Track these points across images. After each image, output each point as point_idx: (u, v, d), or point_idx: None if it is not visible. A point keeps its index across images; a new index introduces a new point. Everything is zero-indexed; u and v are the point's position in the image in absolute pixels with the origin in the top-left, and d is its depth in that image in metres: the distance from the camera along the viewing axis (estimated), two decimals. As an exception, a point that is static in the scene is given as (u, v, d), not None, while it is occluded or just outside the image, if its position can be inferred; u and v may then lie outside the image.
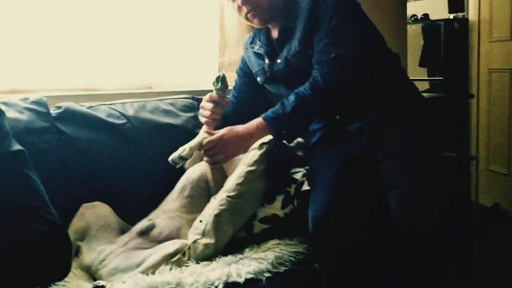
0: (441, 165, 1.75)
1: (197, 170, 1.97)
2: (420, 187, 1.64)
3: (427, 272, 1.61)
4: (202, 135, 1.90)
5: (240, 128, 1.87)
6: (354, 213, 1.69)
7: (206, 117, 2.02)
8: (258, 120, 1.86)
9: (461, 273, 1.71)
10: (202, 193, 1.92)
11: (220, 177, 1.92)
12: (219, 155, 1.87)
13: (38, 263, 1.16)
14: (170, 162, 1.90)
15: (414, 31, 4.12)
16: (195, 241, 1.69)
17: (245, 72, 2.23)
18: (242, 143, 1.86)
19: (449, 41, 3.99)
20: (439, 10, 4.23)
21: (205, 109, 2.02)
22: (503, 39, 3.82)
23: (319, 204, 1.72)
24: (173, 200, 1.92)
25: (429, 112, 1.92)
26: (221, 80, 1.96)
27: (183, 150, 1.88)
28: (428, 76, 4.14)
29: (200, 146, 1.87)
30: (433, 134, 1.83)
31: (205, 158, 1.90)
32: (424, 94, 2.79)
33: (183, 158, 1.89)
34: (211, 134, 1.87)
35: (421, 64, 4.14)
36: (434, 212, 1.59)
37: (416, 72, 4.06)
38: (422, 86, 4.03)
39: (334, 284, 1.67)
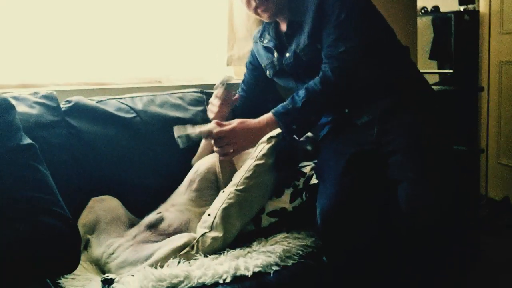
0: (443, 159, 1.74)
1: (205, 163, 1.98)
2: (428, 179, 1.64)
3: (426, 266, 1.62)
4: (213, 125, 1.90)
5: (251, 122, 1.87)
6: (361, 207, 1.70)
7: (214, 113, 2.04)
8: (268, 115, 1.86)
9: (459, 266, 1.71)
10: (210, 186, 1.93)
11: (229, 170, 1.92)
12: (229, 147, 1.87)
13: (48, 256, 1.17)
14: (176, 139, 1.88)
15: (424, 24, 4.08)
16: (203, 235, 1.70)
17: (254, 65, 2.23)
18: (252, 137, 1.87)
19: (460, 33, 3.96)
20: (449, 2, 4.19)
21: (213, 105, 2.05)
22: (513, 31, 3.79)
23: (327, 198, 1.72)
24: (182, 194, 1.93)
25: (435, 106, 1.91)
26: (225, 84, 2.03)
27: (192, 131, 1.88)
28: (438, 69, 4.10)
29: (209, 135, 1.87)
30: (441, 126, 1.82)
31: (215, 149, 1.91)
32: (434, 87, 2.77)
33: (190, 139, 1.88)
34: (222, 126, 1.87)
35: (431, 57, 4.11)
36: (432, 207, 1.59)
37: (426, 65, 4.03)
38: (432, 79, 4.00)
39: (342, 277, 1.68)
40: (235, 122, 1.87)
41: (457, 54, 3.95)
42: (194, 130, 1.88)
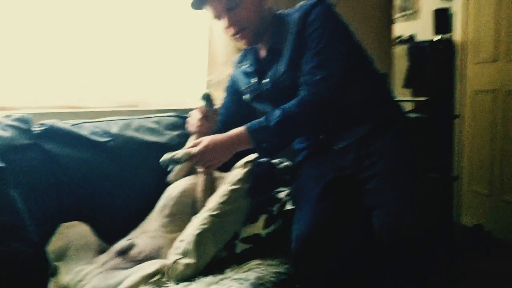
0: (420, 185, 1.76)
1: (178, 186, 1.97)
2: (397, 207, 1.64)
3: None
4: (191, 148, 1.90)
5: (221, 136, 1.85)
6: (338, 233, 1.69)
7: (193, 127, 2.07)
8: (241, 129, 1.85)
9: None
10: (183, 211, 1.91)
11: (211, 190, 1.92)
12: (208, 163, 1.86)
13: (14, 280, 1.15)
14: (161, 163, 1.85)
15: (400, 52, 4.15)
16: (175, 261, 1.68)
17: (233, 89, 2.24)
18: (226, 150, 1.84)
19: (435, 62, 4.02)
20: (425, 31, 4.27)
21: (193, 118, 2.08)
22: (488, 61, 3.86)
23: (303, 224, 1.72)
24: (154, 220, 1.91)
25: (412, 132, 1.94)
26: (206, 98, 2.02)
27: (176, 153, 1.85)
28: (414, 97, 4.16)
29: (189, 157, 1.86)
30: (416, 153, 1.84)
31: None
32: (409, 115, 2.80)
33: (175, 161, 1.84)
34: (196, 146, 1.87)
35: (405, 85, 4.16)
36: (408, 232, 1.58)
37: (401, 93, 4.09)
38: (407, 107, 4.06)
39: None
40: (205, 141, 1.84)
41: (432, 82, 4.01)
42: (178, 152, 1.86)
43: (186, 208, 1.93)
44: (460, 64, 4.09)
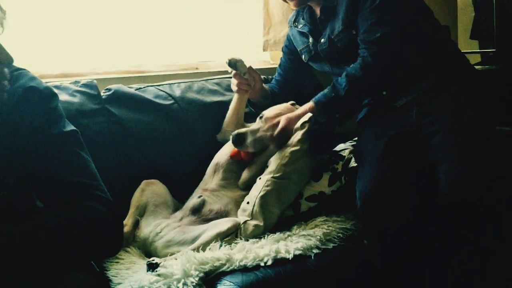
0: (492, 138, 1.70)
1: (223, 154, 1.99)
2: (470, 160, 1.61)
3: (477, 247, 1.58)
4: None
5: (294, 114, 1.86)
6: (401, 189, 1.68)
7: (234, 88, 2.09)
8: (310, 105, 1.85)
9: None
10: (235, 176, 1.93)
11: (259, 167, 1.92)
12: (283, 141, 1.86)
13: (91, 239, 1.19)
14: (248, 144, 1.87)
15: (464, 2, 3.98)
16: (245, 222, 1.72)
17: (290, 49, 2.23)
18: None
19: (502, 11, 3.84)
20: (490, -21, 4.07)
21: (232, 80, 2.09)
22: (560, 7, 3.64)
23: (367, 181, 1.71)
24: (210, 181, 1.94)
25: (480, 85, 1.87)
26: (229, 64, 2.02)
27: (258, 132, 1.88)
28: (480, 49, 3.99)
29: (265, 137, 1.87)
30: (483, 107, 1.78)
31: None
32: (476, 67, 2.70)
33: (259, 142, 1.88)
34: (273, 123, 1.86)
35: (472, 37, 4.00)
36: (472, 189, 1.55)
37: (467, 45, 3.93)
38: (474, 59, 3.89)
39: (383, 260, 1.66)
40: (282, 122, 1.84)
41: (499, 32, 3.83)
42: (259, 132, 1.88)
43: (237, 174, 1.94)
44: (528, 13, 3.88)
